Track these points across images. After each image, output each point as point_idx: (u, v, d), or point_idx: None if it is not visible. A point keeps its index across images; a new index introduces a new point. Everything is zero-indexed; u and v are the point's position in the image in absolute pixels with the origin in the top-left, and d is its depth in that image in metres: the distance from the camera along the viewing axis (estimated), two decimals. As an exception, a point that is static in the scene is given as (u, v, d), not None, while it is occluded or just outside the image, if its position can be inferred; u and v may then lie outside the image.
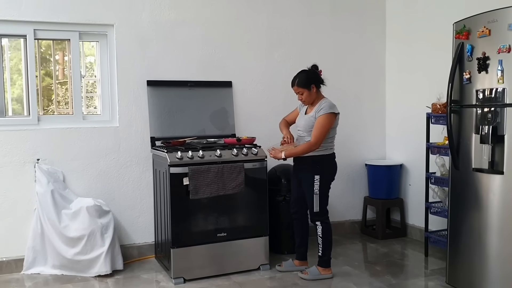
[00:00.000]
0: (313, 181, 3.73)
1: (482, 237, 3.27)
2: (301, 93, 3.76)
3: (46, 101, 4.42)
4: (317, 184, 3.73)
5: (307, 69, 3.83)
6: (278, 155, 3.77)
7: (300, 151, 3.72)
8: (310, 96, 3.76)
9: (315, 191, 3.73)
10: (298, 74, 3.81)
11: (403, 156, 5.07)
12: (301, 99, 3.80)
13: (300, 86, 3.75)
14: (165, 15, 4.39)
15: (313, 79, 3.76)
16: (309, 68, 3.84)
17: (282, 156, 3.73)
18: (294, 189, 4.00)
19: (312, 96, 3.77)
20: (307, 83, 3.73)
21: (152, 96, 4.31)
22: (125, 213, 4.32)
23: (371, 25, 5.19)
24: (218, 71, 4.59)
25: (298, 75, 3.80)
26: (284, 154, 3.73)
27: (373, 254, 4.57)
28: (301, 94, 3.76)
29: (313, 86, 3.74)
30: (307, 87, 3.73)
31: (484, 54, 3.20)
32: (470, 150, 3.34)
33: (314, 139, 3.66)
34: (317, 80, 3.79)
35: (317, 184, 3.73)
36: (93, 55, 4.53)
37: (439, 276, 3.86)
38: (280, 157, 3.75)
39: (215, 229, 3.88)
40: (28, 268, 3.96)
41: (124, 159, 4.31)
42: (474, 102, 3.30)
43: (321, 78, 3.82)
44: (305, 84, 3.73)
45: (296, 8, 4.87)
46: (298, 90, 3.77)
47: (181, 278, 3.77)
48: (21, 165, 4.01)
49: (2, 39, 4.10)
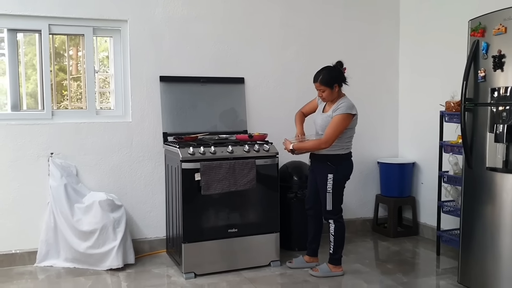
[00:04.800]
0: (327, 179, 3.69)
1: (495, 236, 3.24)
2: (323, 91, 3.65)
3: (59, 96, 4.45)
4: (330, 183, 3.68)
5: (331, 66, 3.70)
6: (287, 145, 3.77)
7: (309, 146, 3.72)
8: (331, 95, 3.66)
9: (328, 189, 3.70)
10: (321, 71, 3.68)
11: (416, 154, 5.04)
12: (321, 96, 3.70)
13: (323, 83, 3.63)
14: (178, 11, 4.40)
15: (336, 78, 3.65)
16: (333, 64, 3.71)
17: (290, 147, 3.74)
18: (310, 185, 3.95)
19: (334, 95, 3.67)
20: (330, 81, 3.62)
21: (165, 92, 4.33)
22: (137, 208, 4.35)
23: (385, 22, 5.15)
24: (231, 67, 4.59)
25: (322, 71, 3.67)
26: (292, 146, 3.73)
27: (385, 252, 4.55)
28: (323, 91, 3.66)
29: (336, 85, 3.64)
30: (330, 85, 3.62)
31: (500, 52, 3.16)
32: (484, 148, 3.31)
33: (325, 137, 3.60)
34: (340, 79, 3.68)
35: (331, 183, 3.68)
36: (107, 50, 4.56)
37: (451, 275, 3.83)
38: (288, 148, 3.76)
39: (226, 225, 3.89)
40: (41, 261, 4.01)
41: (137, 154, 4.33)
42: (489, 101, 3.26)
43: (344, 77, 3.70)
44: (328, 83, 3.62)
45: (309, 6, 4.85)
46: (320, 87, 3.65)
47: (192, 273, 3.79)
48: (35, 159, 4.06)
49: (17, 34, 4.14)
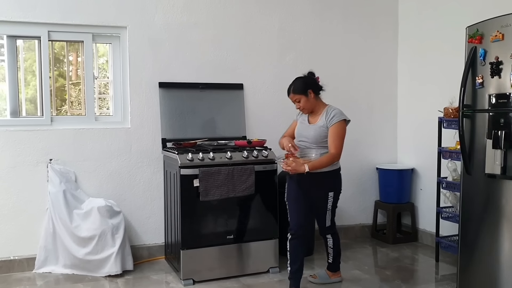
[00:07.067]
0: (327, 198, 3.53)
1: (494, 243, 3.23)
2: (298, 101, 3.50)
3: (59, 101, 4.46)
4: (331, 201, 3.55)
5: (302, 76, 3.60)
6: (300, 168, 3.32)
7: (324, 163, 3.38)
8: (308, 102, 3.50)
9: (328, 207, 3.56)
10: (293, 82, 3.58)
11: (415, 160, 5.04)
12: (299, 107, 3.54)
13: (296, 92, 3.50)
14: (178, 17, 4.41)
15: (310, 84, 3.52)
16: (305, 75, 3.60)
17: (306, 170, 3.31)
18: (296, 203, 3.54)
19: (311, 102, 3.51)
20: (304, 88, 3.48)
21: (164, 98, 4.34)
22: (136, 214, 4.35)
23: (383, 29, 5.17)
24: (230, 73, 4.60)
25: (293, 82, 3.57)
26: (308, 167, 3.31)
27: (383, 258, 4.54)
28: (298, 101, 3.51)
29: (310, 91, 3.49)
30: (304, 92, 3.48)
31: (497, 59, 3.17)
32: (482, 155, 3.31)
33: (335, 150, 3.40)
34: (314, 85, 3.53)
35: (331, 201, 3.55)
36: (106, 56, 4.57)
37: (450, 282, 3.83)
38: (303, 170, 3.31)
39: (225, 231, 3.89)
40: (40, 267, 4.00)
41: (136, 160, 4.33)
42: (487, 107, 3.27)
43: (318, 84, 3.57)
44: (302, 90, 3.49)
45: (308, 12, 4.87)
46: (295, 97, 3.51)
47: (191, 279, 3.78)
48: (34, 165, 4.06)
49: (16, 40, 4.15)
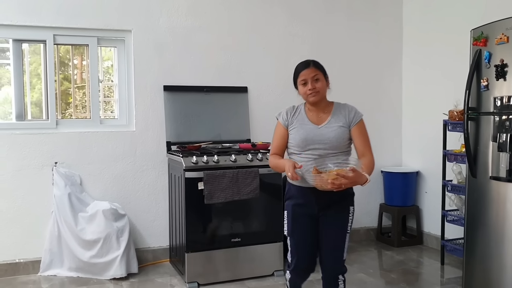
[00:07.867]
0: (348, 215, 2.73)
1: (499, 246, 3.22)
2: (317, 79, 2.66)
3: (64, 105, 4.48)
4: (351, 219, 2.75)
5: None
6: (361, 179, 2.46)
7: (372, 169, 2.63)
8: (324, 88, 2.70)
9: (348, 229, 2.72)
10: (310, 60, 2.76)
11: (420, 163, 5.03)
12: (314, 87, 2.65)
13: (319, 67, 2.71)
14: (182, 21, 4.43)
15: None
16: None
17: (367, 179, 2.49)
18: (302, 235, 2.75)
19: (325, 90, 2.73)
20: (325, 70, 2.75)
21: (169, 101, 4.35)
22: (141, 217, 4.36)
23: (388, 31, 5.17)
24: (234, 76, 4.61)
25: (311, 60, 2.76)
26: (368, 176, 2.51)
27: (388, 261, 4.53)
28: (316, 80, 2.66)
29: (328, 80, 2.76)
30: (325, 73, 2.73)
31: (502, 61, 3.17)
32: (487, 158, 3.30)
33: (371, 153, 2.69)
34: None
35: (351, 218, 2.75)
36: (111, 60, 4.59)
37: (455, 285, 3.81)
38: (365, 180, 2.48)
39: (230, 234, 3.89)
40: (45, 270, 4.01)
41: (140, 163, 4.34)
42: (492, 110, 3.27)
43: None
44: (324, 70, 2.73)
45: (313, 15, 4.88)
46: (315, 73, 2.67)
47: (195, 282, 3.78)
48: (39, 168, 4.07)
49: (22, 44, 4.17)
